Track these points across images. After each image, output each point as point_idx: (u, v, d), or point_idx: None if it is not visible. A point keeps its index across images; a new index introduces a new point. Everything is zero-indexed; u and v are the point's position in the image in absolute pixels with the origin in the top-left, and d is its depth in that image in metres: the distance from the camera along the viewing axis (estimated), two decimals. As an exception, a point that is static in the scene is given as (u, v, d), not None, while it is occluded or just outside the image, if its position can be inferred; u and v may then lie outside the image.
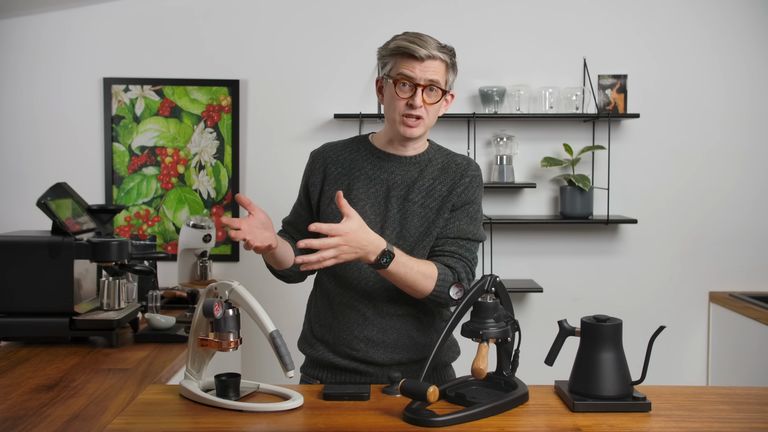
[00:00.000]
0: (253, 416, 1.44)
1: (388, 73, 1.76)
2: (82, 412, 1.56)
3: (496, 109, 3.31)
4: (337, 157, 1.85)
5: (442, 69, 1.75)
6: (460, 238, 1.79)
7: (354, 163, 1.83)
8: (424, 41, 1.72)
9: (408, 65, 1.72)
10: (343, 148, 1.87)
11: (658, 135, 3.41)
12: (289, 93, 3.40)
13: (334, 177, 1.82)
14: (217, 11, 3.38)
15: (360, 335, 1.77)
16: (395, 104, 1.74)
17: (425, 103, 1.73)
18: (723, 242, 3.43)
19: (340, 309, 1.80)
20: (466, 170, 1.83)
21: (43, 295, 2.13)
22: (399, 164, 1.82)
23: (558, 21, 3.39)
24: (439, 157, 1.86)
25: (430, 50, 1.71)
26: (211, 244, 3.00)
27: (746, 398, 1.58)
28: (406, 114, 1.74)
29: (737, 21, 3.38)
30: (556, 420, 1.43)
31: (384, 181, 1.80)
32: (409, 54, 1.71)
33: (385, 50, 1.77)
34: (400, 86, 1.73)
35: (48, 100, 3.38)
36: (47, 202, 2.18)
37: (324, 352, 1.82)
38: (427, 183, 1.80)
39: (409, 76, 1.72)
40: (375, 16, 3.35)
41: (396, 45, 1.73)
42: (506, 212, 3.44)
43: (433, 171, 1.82)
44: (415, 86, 1.72)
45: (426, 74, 1.72)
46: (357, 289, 1.78)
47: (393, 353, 1.78)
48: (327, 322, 1.82)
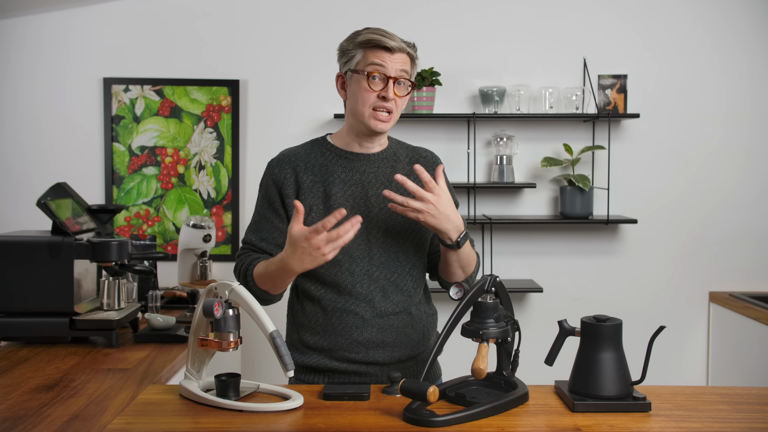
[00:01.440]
0: (253, 416, 1.44)
1: (355, 66, 1.73)
2: (82, 412, 1.56)
3: (496, 109, 3.31)
4: (305, 164, 1.78)
5: (408, 62, 1.75)
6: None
7: (324, 168, 1.77)
8: (391, 35, 1.72)
9: (379, 57, 1.70)
10: (307, 154, 1.81)
11: (658, 135, 3.41)
12: (289, 93, 3.40)
13: (308, 185, 1.76)
14: (217, 11, 3.38)
15: (360, 338, 1.76)
16: (365, 97, 1.71)
17: (396, 95, 1.72)
18: (723, 242, 3.43)
19: (336, 315, 1.76)
20: (434, 162, 1.88)
21: (43, 295, 2.13)
22: (369, 163, 1.80)
23: (558, 21, 3.39)
24: (402, 151, 1.87)
25: (398, 43, 1.71)
26: (211, 244, 3.00)
27: (746, 398, 1.58)
28: (377, 107, 1.72)
29: (737, 21, 3.38)
30: (556, 420, 1.43)
31: (358, 181, 1.78)
32: (380, 46, 1.70)
33: (351, 44, 1.74)
34: (371, 79, 1.71)
35: (48, 100, 3.38)
36: (47, 202, 2.18)
37: (319, 359, 1.78)
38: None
39: (382, 66, 1.70)
40: (375, 15, 3.35)
41: (365, 38, 1.71)
42: (506, 212, 3.44)
43: (404, 166, 1.83)
44: (387, 79, 1.71)
45: (396, 65, 1.71)
46: (352, 293, 1.75)
47: (392, 352, 1.77)
48: (320, 330, 1.78)
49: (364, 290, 1.76)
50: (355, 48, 1.73)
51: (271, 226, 1.79)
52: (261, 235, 1.79)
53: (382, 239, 1.77)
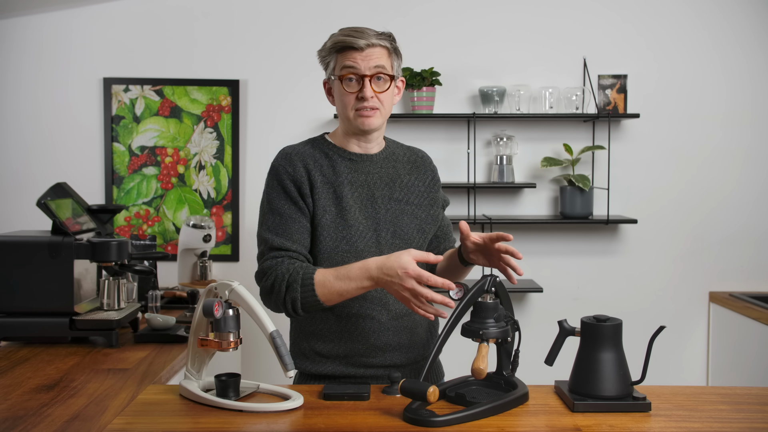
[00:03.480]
0: (253, 416, 1.44)
1: (332, 72, 1.74)
2: (82, 412, 1.56)
3: (496, 109, 3.31)
4: (313, 161, 1.75)
5: (384, 55, 1.72)
6: (449, 233, 1.93)
7: (331, 168, 1.75)
8: (361, 32, 1.70)
9: (350, 58, 1.69)
10: (312, 151, 1.77)
11: (658, 135, 3.41)
12: (289, 93, 3.40)
13: (320, 185, 1.72)
14: (216, 11, 3.38)
15: (377, 342, 1.73)
16: (345, 100, 1.72)
17: (375, 92, 1.71)
18: (723, 242, 3.43)
19: (351, 321, 1.73)
20: (431, 164, 1.91)
21: (43, 295, 2.13)
22: (372, 164, 1.80)
23: (558, 20, 3.39)
24: (400, 151, 1.87)
25: (368, 39, 1.69)
26: (211, 244, 3.00)
27: (746, 398, 1.58)
28: (358, 108, 1.71)
29: (737, 21, 3.38)
30: (556, 420, 1.43)
31: (364, 183, 1.77)
32: (349, 47, 1.69)
33: (324, 50, 1.75)
34: (346, 81, 1.70)
35: (48, 100, 3.38)
36: (47, 202, 2.18)
37: (335, 366, 1.75)
38: (404, 179, 1.81)
39: (353, 67, 1.69)
40: (375, 15, 3.35)
41: (333, 42, 1.71)
42: (506, 212, 3.44)
43: (405, 166, 1.84)
44: (362, 78, 1.70)
45: (369, 63, 1.69)
46: (367, 297, 1.72)
47: (408, 353, 1.78)
48: (334, 337, 1.74)
49: (378, 293, 1.73)
50: (329, 54, 1.74)
51: (300, 226, 1.70)
52: (294, 237, 1.69)
53: (390, 240, 1.76)
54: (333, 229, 1.71)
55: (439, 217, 1.88)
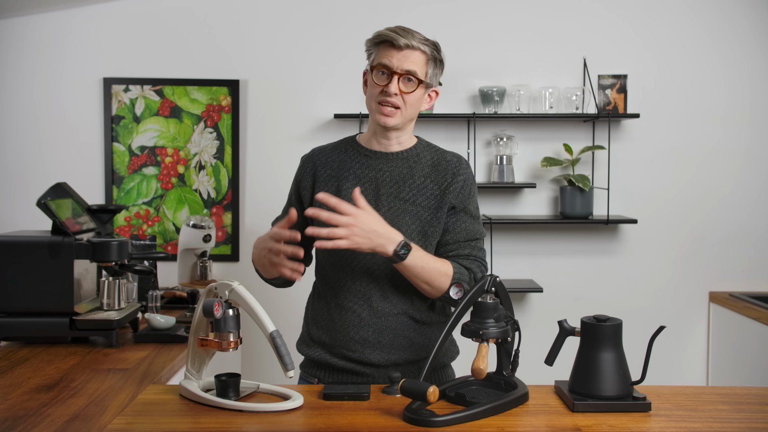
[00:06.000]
0: (253, 416, 1.44)
1: (370, 63, 1.80)
2: (82, 412, 1.56)
3: (496, 109, 3.31)
4: (326, 159, 1.86)
5: (421, 60, 1.75)
6: (470, 239, 1.80)
7: (342, 164, 1.83)
8: (406, 32, 1.74)
9: (387, 54, 1.74)
10: (332, 150, 1.89)
11: (658, 135, 3.41)
12: (289, 93, 3.40)
13: (324, 179, 1.83)
14: (216, 11, 3.38)
15: (356, 336, 1.77)
16: (371, 92, 1.77)
17: (401, 91, 1.73)
18: (723, 242, 3.43)
19: (336, 311, 1.80)
20: (458, 169, 1.82)
21: (43, 295, 2.13)
22: (386, 161, 1.82)
23: (558, 21, 3.39)
24: (427, 154, 1.85)
25: (409, 40, 1.72)
26: (211, 244, 3.00)
27: (746, 398, 1.58)
28: (381, 101, 1.75)
29: (737, 21, 3.38)
30: (556, 420, 1.43)
31: (372, 179, 1.80)
32: (389, 43, 1.74)
33: (370, 42, 1.80)
34: (377, 74, 1.75)
35: (48, 100, 3.38)
36: (47, 202, 2.18)
37: (321, 353, 1.82)
38: (418, 181, 1.80)
39: (386, 64, 1.73)
40: (374, 15, 3.35)
41: (378, 34, 1.76)
42: (506, 212, 3.44)
43: (424, 168, 1.82)
44: (392, 74, 1.73)
45: (403, 64, 1.73)
46: (351, 290, 1.78)
47: (389, 354, 1.77)
48: (324, 324, 1.82)
49: (363, 288, 1.77)
50: (372, 46, 1.80)
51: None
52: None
53: None
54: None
55: (454, 224, 1.81)
